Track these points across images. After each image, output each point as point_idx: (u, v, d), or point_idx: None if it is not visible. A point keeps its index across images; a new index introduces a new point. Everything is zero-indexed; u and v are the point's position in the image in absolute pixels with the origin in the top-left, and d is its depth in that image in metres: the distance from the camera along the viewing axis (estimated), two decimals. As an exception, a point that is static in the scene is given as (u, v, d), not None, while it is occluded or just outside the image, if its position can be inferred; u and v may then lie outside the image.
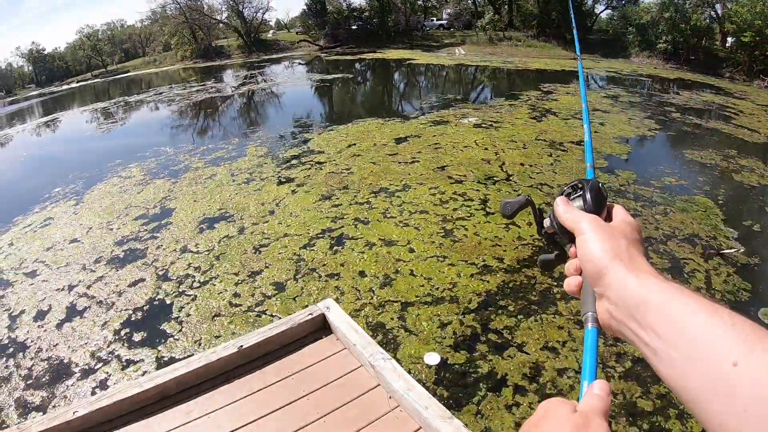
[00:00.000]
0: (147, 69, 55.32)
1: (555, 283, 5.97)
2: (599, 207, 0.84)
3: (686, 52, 31.59)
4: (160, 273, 6.68)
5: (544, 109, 15.52)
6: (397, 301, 5.52)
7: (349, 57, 34.54)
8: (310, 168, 10.24)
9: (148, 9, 71.29)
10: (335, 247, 6.83)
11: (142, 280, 6.57)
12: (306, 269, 6.33)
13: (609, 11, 41.37)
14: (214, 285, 6.19)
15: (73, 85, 56.08)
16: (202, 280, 6.34)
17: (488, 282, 5.86)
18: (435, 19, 51.68)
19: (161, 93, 28.73)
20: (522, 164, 9.98)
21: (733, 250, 7.12)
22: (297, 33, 53.47)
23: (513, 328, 5.11)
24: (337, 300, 5.52)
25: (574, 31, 3.09)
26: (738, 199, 9.72)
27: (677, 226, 7.81)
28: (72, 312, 6.06)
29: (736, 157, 12.12)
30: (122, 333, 5.50)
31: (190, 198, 9.27)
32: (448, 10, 52.43)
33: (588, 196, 0.85)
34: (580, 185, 0.90)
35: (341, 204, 8.27)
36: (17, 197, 11.36)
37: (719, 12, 33.55)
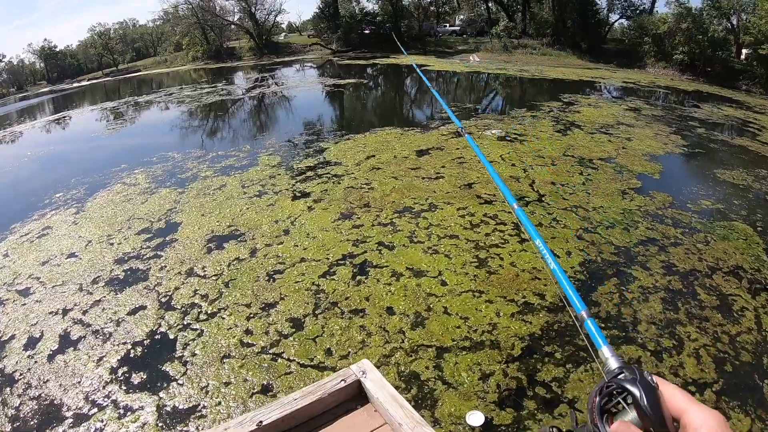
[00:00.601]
0: (158, 69, 55.08)
1: (603, 325, 5.38)
2: (661, 414, 0.72)
3: (702, 64, 30.98)
4: (163, 300, 6.10)
5: (568, 122, 14.92)
6: (431, 346, 4.92)
7: (362, 62, 33.97)
8: (327, 181, 9.63)
9: (161, 9, 71.56)
10: (358, 277, 6.21)
11: (143, 307, 5.99)
12: (326, 303, 5.71)
13: (624, 21, 41.07)
14: (223, 318, 5.60)
15: (84, 83, 56.03)
16: (209, 312, 5.75)
17: (531, 323, 5.26)
18: (448, 25, 51.30)
19: (171, 94, 28.25)
20: (553, 183, 9.40)
21: (782, 286, 6.61)
22: (309, 36, 53.23)
23: (562, 380, 4.53)
24: (363, 343, 4.94)
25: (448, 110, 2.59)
26: (777, 225, 9.18)
27: (720, 257, 7.27)
28: (65, 342, 5.51)
29: (767, 178, 11.55)
30: (120, 372, 4.93)
31: (198, 211, 8.69)
32: (461, 17, 52.24)
33: (644, 403, 0.74)
34: (617, 388, 0.80)
35: (363, 225, 7.66)
36: (16, 202, 10.82)
37: (734, 23, 33.10)
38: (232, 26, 53.27)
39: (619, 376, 0.85)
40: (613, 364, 0.97)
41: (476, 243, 6.94)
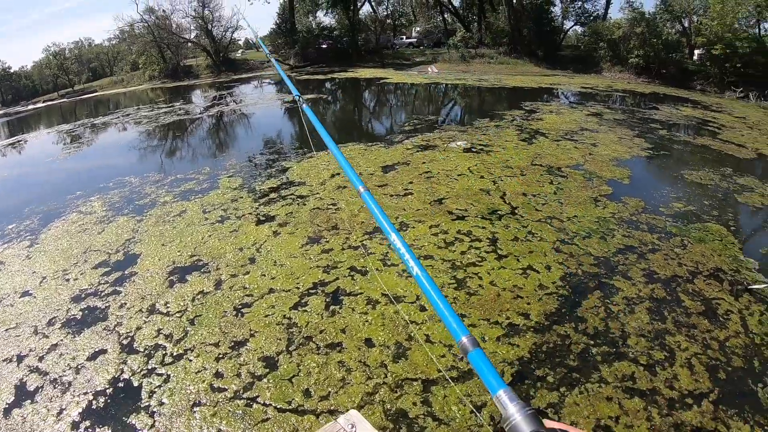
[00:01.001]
0: (114, 89, 54.07)
1: (592, 342, 5.34)
2: None
3: (657, 66, 32.35)
4: (125, 342, 5.75)
5: (532, 130, 15.14)
6: (416, 379, 4.73)
7: (320, 76, 33.98)
8: (291, 203, 9.39)
9: (116, 28, 71.19)
10: (332, 307, 5.99)
11: (104, 351, 5.63)
12: (300, 338, 5.47)
13: (578, 27, 42.67)
14: (191, 360, 5.29)
15: (40, 105, 54.78)
16: (175, 354, 5.43)
17: (518, 346, 5.16)
18: (404, 37, 52.19)
19: (128, 114, 27.58)
20: (524, 194, 9.42)
21: (761, 286, 6.77)
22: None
23: (558, 404, 4.44)
24: (343, 381, 4.73)
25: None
26: (748, 223, 9.51)
27: (699, 260, 7.39)
28: (21, 393, 5.11)
29: (732, 176, 11.95)
30: (82, 427, 4.57)
31: (158, 241, 8.33)
32: (418, 28, 53.31)
33: None
34: None
35: (332, 249, 7.45)
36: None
37: (686, 26, 34.71)
38: (189, 44, 52.96)
39: None
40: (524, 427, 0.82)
41: (452, 263, 6.83)
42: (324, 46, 44.14)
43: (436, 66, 35.43)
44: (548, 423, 0.76)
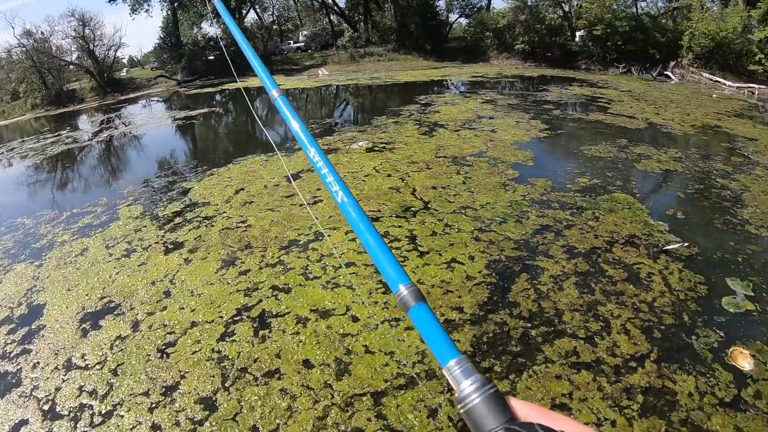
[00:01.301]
0: (-6, 122, 49.37)
1: (529, 324, 5.49)
2: None
3: (543, 50, 34.84)
4: (46, 408, 5.10)
5: (431, 123, 15.54)
6: (364, 394, 4.60)
7: (210, 89, 32.98)
8: (198, 226, 8.90)
9: None
10: (261, 332, 5.69)
11: (25, 422, 4.97)
12: (234, 371, 5.14)
13: (463, 19, 45.10)
14: (122, 417, 4.79)
15: None
16: (104, 411, 4.90)
17: (459, 341, 5.19)
18: (292, 42, 52.12)
19: (13, 149, 25.06)
20: (434, 187, 9.59)
21: (674, 246, 7.31)
22: (152, 69, 51.32)
23: (511, 392, 4.50)
24: (289, 409, 4.53)
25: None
26: (651, 189, 10.29)
27: (613, 230, 7.87)
28: None
29: (628, 146, 12.94)
30: None
31: (62, 286, 7.54)
32: (305, 32, 53.46)
33: None
34: None
35: (249, 269, 7.11)
36: None
37: (567, 10, 37.67)
38: (71, 66, 49.63)
39: None
40: (485, 416, 0.64)
41: (376, 267, 6.76)
42: (211, 57, 43.23)
43: (327, 68, 35.64)
44: (513, 402, 0.62)
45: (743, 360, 4.95)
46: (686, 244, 7.40)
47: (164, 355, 5.52)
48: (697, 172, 11.20)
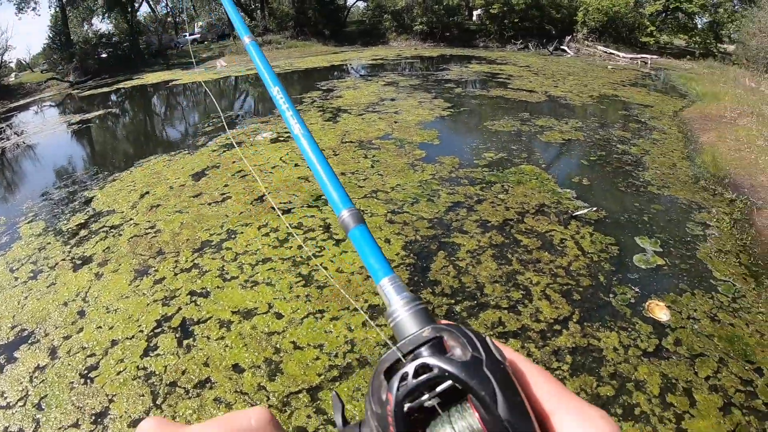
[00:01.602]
0: None
1: (453, 301, 5.57)
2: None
3: (441, 30, 35.61)
4: None
5: (334, 109, 15.41)
6: (300, 391, 4.46)
7: (105, 89, 30.83)
8: (106, 237, 8.23)
9: None
10: (185, 342, 5.37)
11: None
12: (164, 387, 4.80)
13: (361, 3, 45.31)
14: None
15: None
16: None
17: (386, 326, 5.02)
18: (187, 34, 49.98)
19: None
20: (343, 173, 9.50)
21: (583, 211, 7.68)
22: (43, 72, 47.11)
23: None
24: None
25: None
26: (556, 158, 10.73)
27: (523, 201, 8.15)
28: None
29: (531, 119, 13.47)
30: None
31: None
32: (201, 23, 51.47)
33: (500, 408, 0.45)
34: (435, 378, 0.49)
35: (164, 277, 6.68)
36: None
37: None
38: None
39: (430, 354, 0.52)
40: (410, 324, 0.61)
41: (292, 260, 6.60)
42: (104, 55, 40.57)
43: (224, 60, 34.50)
44: (441, 322, 0.59)
45: (660, 311, 5.30)
46: (594, 208, 7.82)
47: (88, 381, 5.09)
48: (598, 139, 11.84)
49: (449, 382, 0.47)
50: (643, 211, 7.89)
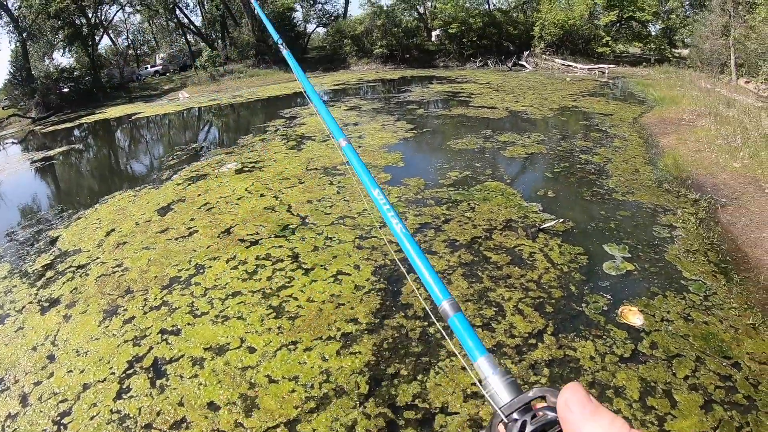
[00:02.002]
0: None
1: (426, 323, 5.55)
2: None
3: (401, 53, 36.37)
4: None
5: (298, 136, 15.43)
6: (278, 425, 4.36)
7: (67, 124, 30.23)
8: (73, 277, 7.97)
9: None
10: (158, 382, 5.21)
11: None
12: (139, 430, 4.62)
13: (321, 29, 46.08)
14: None
15: None
16: None
17: (360, 353, 5.11)
18: (149, 66, 49.78)
19: None
20: (309, 201, 9.48)
21: (550, 224, 7.81)
22: (4, 108, 46.11)
23: (423, 393, 4.53)
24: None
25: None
26: (520, 173, 10.91)
27: (490, 217, 8.25)
28: None
29: (493, 136, 13.69)
30: None
31: None
32: (162, 55, 51.31)
33: None
34: None
35: (134, 316, 6.48)
36: None
37: (422, 12, 39.92)
38: None
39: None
40: (508, 392, 0.83)
41: (262, 292, 6.52)
42: (66, 90, 40.02)
43: (186, 91, 34.41)
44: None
45: (633, 316, 5.39)
46: (561, 220, 7.94)
47: (61, 428, 4.91)
48: (560, 151, 12.07)
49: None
50: (610, 219, 8.04)
